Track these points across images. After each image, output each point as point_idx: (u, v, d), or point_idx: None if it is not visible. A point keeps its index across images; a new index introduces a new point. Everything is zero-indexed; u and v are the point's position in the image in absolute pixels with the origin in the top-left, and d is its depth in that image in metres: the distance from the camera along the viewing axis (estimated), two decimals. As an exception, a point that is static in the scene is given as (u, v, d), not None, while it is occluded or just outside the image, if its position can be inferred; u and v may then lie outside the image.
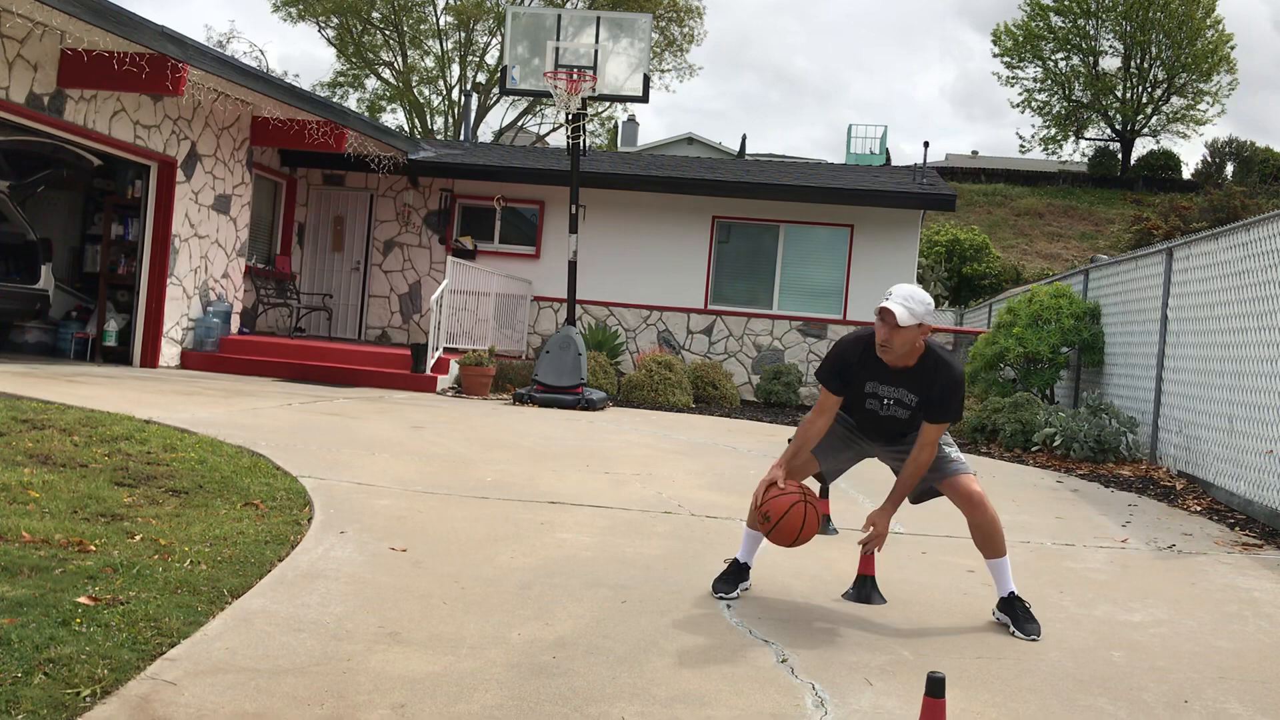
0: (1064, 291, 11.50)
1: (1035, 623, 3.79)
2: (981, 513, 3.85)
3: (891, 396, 3.83)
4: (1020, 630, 3.76)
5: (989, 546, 3.89)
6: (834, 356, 3.91)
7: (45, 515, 4.12)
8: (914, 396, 3.80)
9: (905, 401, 3.82)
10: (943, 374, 3.76)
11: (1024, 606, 3.84)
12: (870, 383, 3.84)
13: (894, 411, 3.85)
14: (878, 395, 3.85)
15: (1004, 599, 3.88)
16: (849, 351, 3.88)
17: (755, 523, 3.91)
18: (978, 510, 3.85)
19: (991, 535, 3.87)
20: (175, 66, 9.87)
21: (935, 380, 3.75)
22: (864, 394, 3.87)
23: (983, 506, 3.85)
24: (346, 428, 7.75)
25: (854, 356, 3.86)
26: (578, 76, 11.29)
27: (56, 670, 2.63)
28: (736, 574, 4.04)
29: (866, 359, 3.83)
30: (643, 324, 15.08)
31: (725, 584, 3.99)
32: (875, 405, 3.87)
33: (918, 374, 3.78)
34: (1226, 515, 6.87)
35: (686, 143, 37.28)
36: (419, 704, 2.71)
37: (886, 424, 3.92)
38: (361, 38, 35.86)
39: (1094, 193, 46.67)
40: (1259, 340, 7.08)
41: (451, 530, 4.74)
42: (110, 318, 11.90)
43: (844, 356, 3.88)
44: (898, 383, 3.80)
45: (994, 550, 3.89)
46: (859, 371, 3.85)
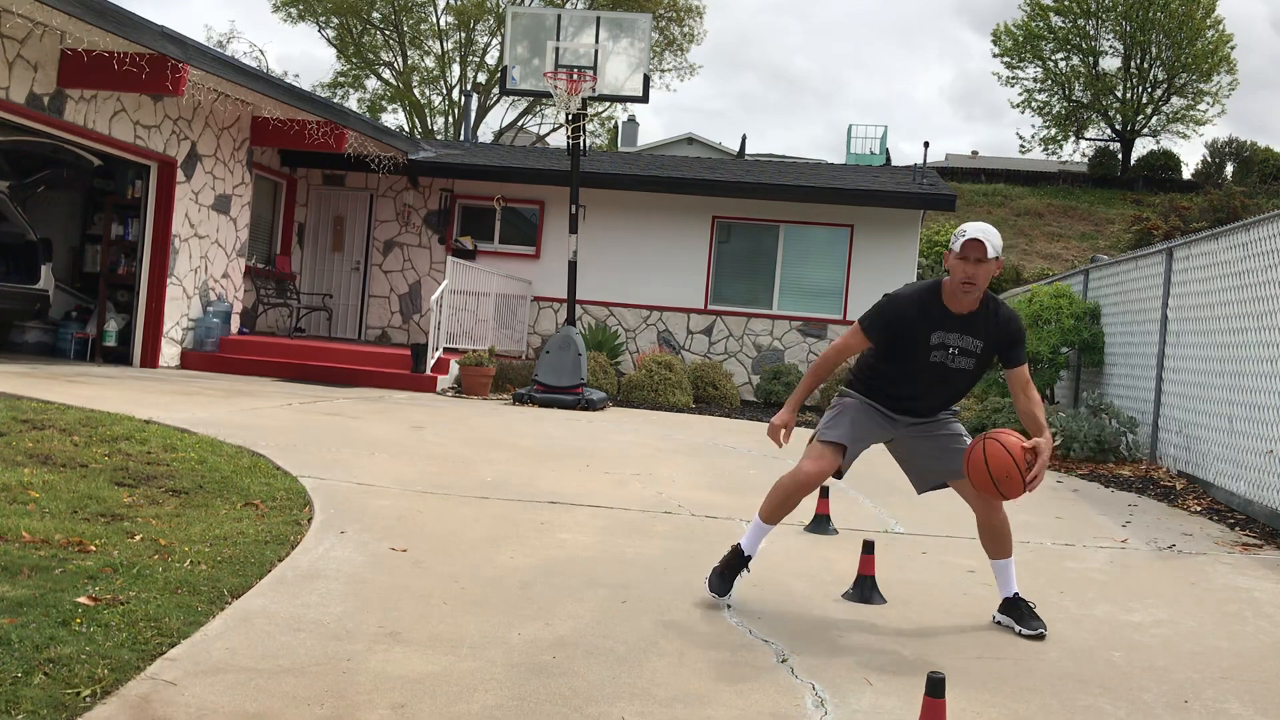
0: (1064, 292, 11.50)
1: (1039, 619, 3.78)
2: (996, 513, 3.82)
3: (958, 345, 3.72)
4: (1025, 627, 3.75)
5: (997, 547, 3.87)
6: (888, 309, 3.77)
7: (45, 515, 4.12)
8: (979, 342, 3.72)
9: (971, 349, 3.72)
10: (1004, 312, 3.74)
11: (1028, 606, 3.83)
12: (937, 333, 3.71)
13: (961, 363, 3.74)
14: (945, 345, 3.71)
15: (1008, 599, 3.87)
16: (906, 305, 3.75)
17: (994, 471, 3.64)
18: (994, 511, 3.82)
19: (1002, 536, 3.85)
20: (175, 66, 9.87)
21: (999, 321, 3.71)
22: (929, 346, 3.72)
23: (999, 507, 3.82)
24: (346, 428, 7.75)
25: (913, 309, 3.73)
26: (578, 77, 11.29)
27: (56, 670, 2.63)
28: (735, 564, 3.89)
29: (929, 310, 3.72)
30: (643, 324, 15.08)
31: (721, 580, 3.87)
32: (942, 357, 3.73)
33: (982, 318, 3.71)
34: (1226, 515, 6.87)
35: (686, 143, 37.28)
36: (419, 704, 2.71)
37: (953, 378, 3.78)
38: (361, 38, 35.87)
39: (1094, 193, 46.67)
40: (1259, 340, 7.08)
41: (451, 530, 4.74)
42: (110, 318, 11.90)
43: (900, 310, 3.74)
44: (964, 329, 3.71)
45: (1002, 551, 3.87)
46: (921, 324, 3.71)
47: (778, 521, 3.92)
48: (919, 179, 15.65)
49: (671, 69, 35.02)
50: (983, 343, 3.72)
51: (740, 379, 14.67)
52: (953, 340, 3.72)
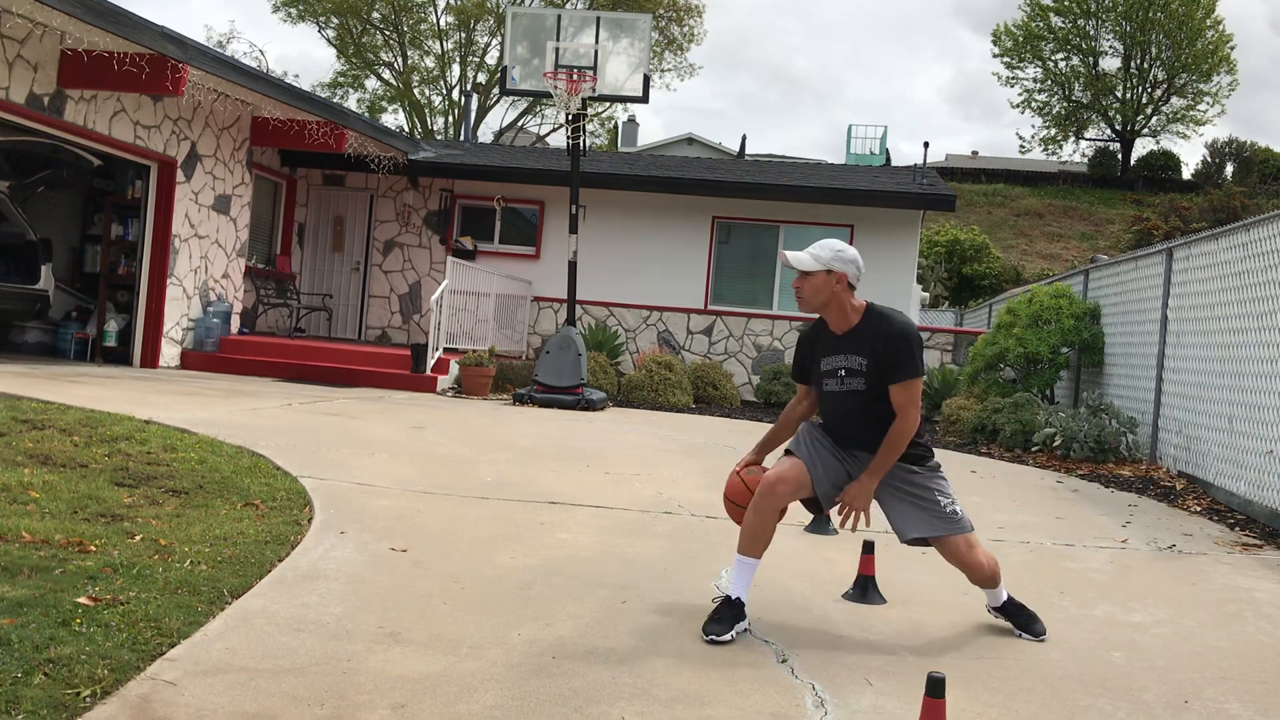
0: (1064, 292, 11.50)
1: (1039, 622, 3.79)
2: (976, 573, 3.71)
3: (842, 366, 3.63)
4: (1028, 632, 3.76)
5: (984, 587, 3.83)
6: (798, 343, 3.88)
7: (45, 515, 4.12)
8: (862, 359, 3.58)
9: (855, 368, 3.59)
10: (884, 326, 3.57)
11: (1021, 608, 3.82)
12: (825, 359, 3.69)
13: (850, 384, 3.61)
14: (833, 370, 3.66)
15: (999, 608, 3.86)
16: (804, 335, 3.85)
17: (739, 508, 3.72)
18: (972, 571, 3.71)
19: (989, 583, 3.77)
20: (175, 67, 9.87)
21: (879, 335, 3.56)
22: (822, 375, 3.71)
23: (978, 568, 3.69)
24: (346, 428, 7.75)
25: (807, 339, 3.81)
26: (578, 77, 11.29)
27: (56, 670, 2.63)
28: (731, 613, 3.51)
29: (817, 335, 3.76)
30: (643, 324, 15.08)
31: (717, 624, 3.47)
32: (833, 384, 3.66)
33: (861, 334, 3.60)
34: (1226, 515, 6.87)
35: (686, 143, 37.29)
36: (419, 704, 2.71)
37: (849, 406, 3.62)
38: (361, 38, 35.88)
39: (1094, 193, 46.67)
40: (1259, 340, 7.08)
41: (451, 530, 4.74)
42: (110, 318, 11.90)
43: (800, 344, 3.85)
44: (846, 349, 3.62)
45: (989, 587, 3.81)
46: (813, 351, 3.76)
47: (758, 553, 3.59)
48: (919, 179, 15.65)
49: (671, 69, 35.06)
50: (866, 360, 3.58)
51: (740, 379, 14.67)
52: (838, 362, 3.66)
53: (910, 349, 3.52)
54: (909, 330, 3.56)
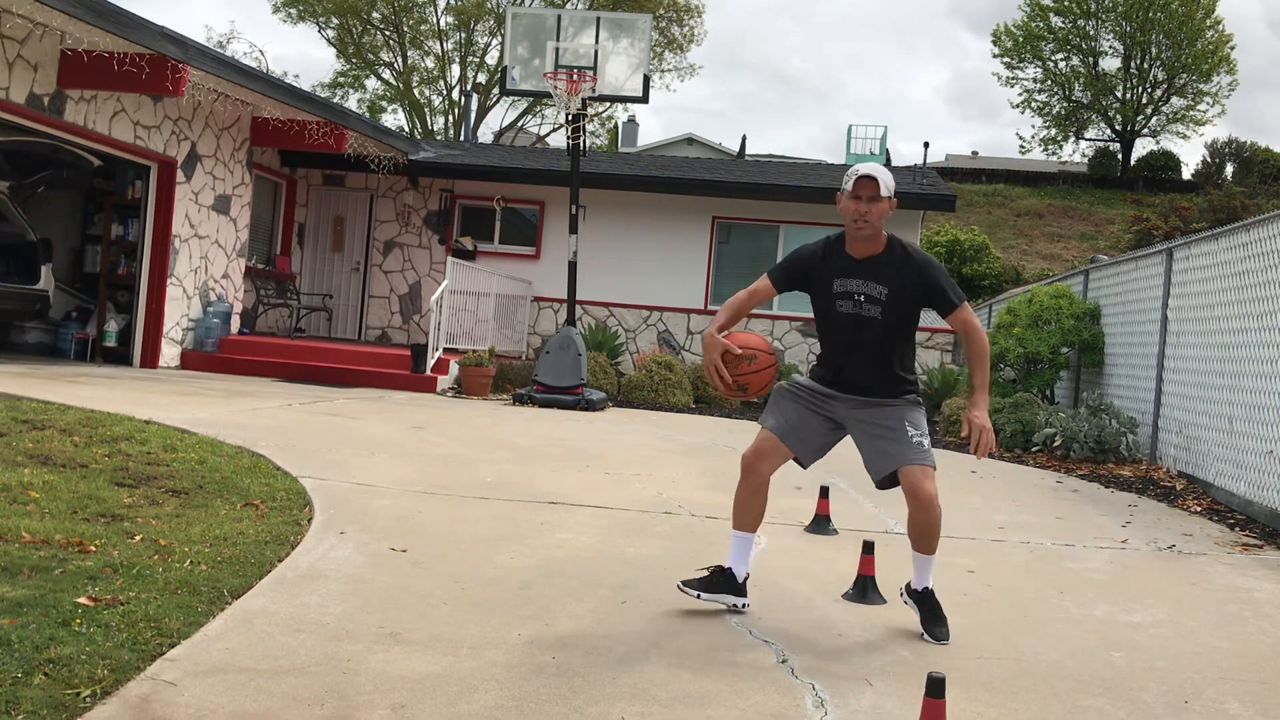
0: (1064, 292, 11.50)
1: (945, 626, 3.62)
2: (924, 512, 3.59)
3: (861, 291, 3.60)
4: (929, 633, 3.61)
5: (922, 543, 3.67)
6: (793, 255, 3.78)
7: (45, 515, 4.12)
8: (883, 288, 3.58)
9: (875, 295, 3.59)
10: (916, 255, 3.62)
11: (936, 605, 3.66)
12: (839, 280, 3.64)
13: (868, 310, 3.60)
14: (848, 292, 3.62)
15: (918, 592, 3.71)
16: (809, 250, 3.75)
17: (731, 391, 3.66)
18: (921, 509, 3.58)
19: (929, 535, 3.64)
20: (175, 67, 9.88)
21: (909, 263, 3.60)
22: (834, 295, 3.65)
23: (929, 506, 3.57)
24: (346, 428, 7.75)
25: (814, 255, 3.71)
26: (578, 77, 11.29)
27: (56, 670, 2.63)
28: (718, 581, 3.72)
29: (830, 255, 3.68)
30: (643, 324, 15.08)
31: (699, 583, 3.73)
32: (847, 306, 3.63)
33: (885, 261, 3.61)
34: (1226, 515, 6.87)
35: (686, 143, 37.29)
36: (419, 704, 2.71)
37: (863, 329, 3.62)
38: (361, 38, 35.89)
39: (1094, 193, 46.67)
40: (1259, 340, 7.08)
41: (451, 530, 4.74)
42: (110, 318, 11.90)
43: (803, 255, 3.75)
44: (866, 275, 3.60)
45: (926, 548, 3.68)
46: (822, 270, 3.67)
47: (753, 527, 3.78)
48: (919, 179, 15.65)
49: (671, 69, 35.09)
50: (888, 288, 3.58)
51: (740, 379, 14.66)
52: (855, 286, 3.62)
53: (943, 274, 3.65)
54: (932, 259, 3.68)
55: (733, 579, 3.74)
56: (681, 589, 3.74)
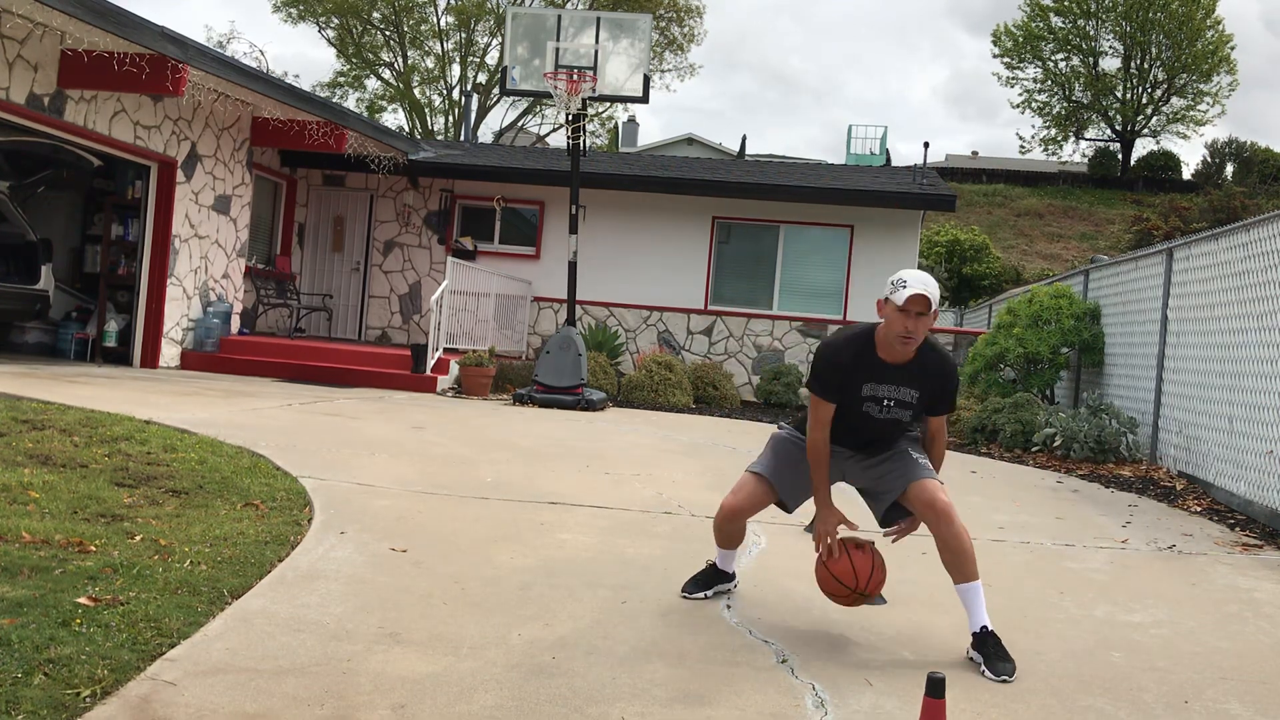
0: (1064, 292, 11.50)
1: (1010, 661, 3.33)
2: (948, 525, 3.42)
3: (892, 397, 3.51)
4: (991, 670, 3.30)
5: (958, 568, 3.45)
6: (826, 364, 3.55)
7: (45, 515, 4.12)
8: (914, 392, 3.51)
9: (906, 400, 3.51)
10: (945, 365, 3.56)
11: (997, 642, 3.39)
12: (868, 384, 3.51)
13: (894, 414, 3.54)
14: (877, 398, 3.52)
15: (977, 635, 3.41)
16: (841, 354, 3.53)
17: (823, 581, 3.61)
18: (943, 522, 3.42)
19: (961, 553, 3.42)
20: (175, 67, 9.88)
21: (939, 373, 3.52)
22: (861, 398, 3.53)
23: (949, 517, 3.42)
24: (346, 428, 7.75)
25: (847, 359, 3.52)
26: (578, 77, 11.29)
27: (56, 670, 2.63)
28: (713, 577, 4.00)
29: (861, 359, 3.51)
30: (643, 324, 15.08)
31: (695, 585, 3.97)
32: (874, 409, 3.54)
33: (918, 368, 3.49)
34: (1226, 515, 6.87)
35: (686, 143, 37.29)
36: (419, 704, 2.71)
37: (883, 428, 3.60)
38: (362, 38, 35.89)
39: (1094, 193, 46.67)
40: (1259, 340, 7.08)
41: (451, 530, 4.74)
42: (110, 318, 11.90)
43: (836, 362, 3.53)
44: (898, 380, 3.49)
45: (965, 573, 3.44)
46: (854, 374, 3.51)
47: (733, 546, 3.96)
48: (919, 179, 15.65)
49: (671, 69, 35.09)
50: (919, 392, 3.53)
51: (740, 379, 14.67)
52: (885, 392, 3.52)
53: (958, 385, 3.65)
54: (954, 366, 3.64)
55: (724, 573, 4.03)
56: (686, 596, 3.93)
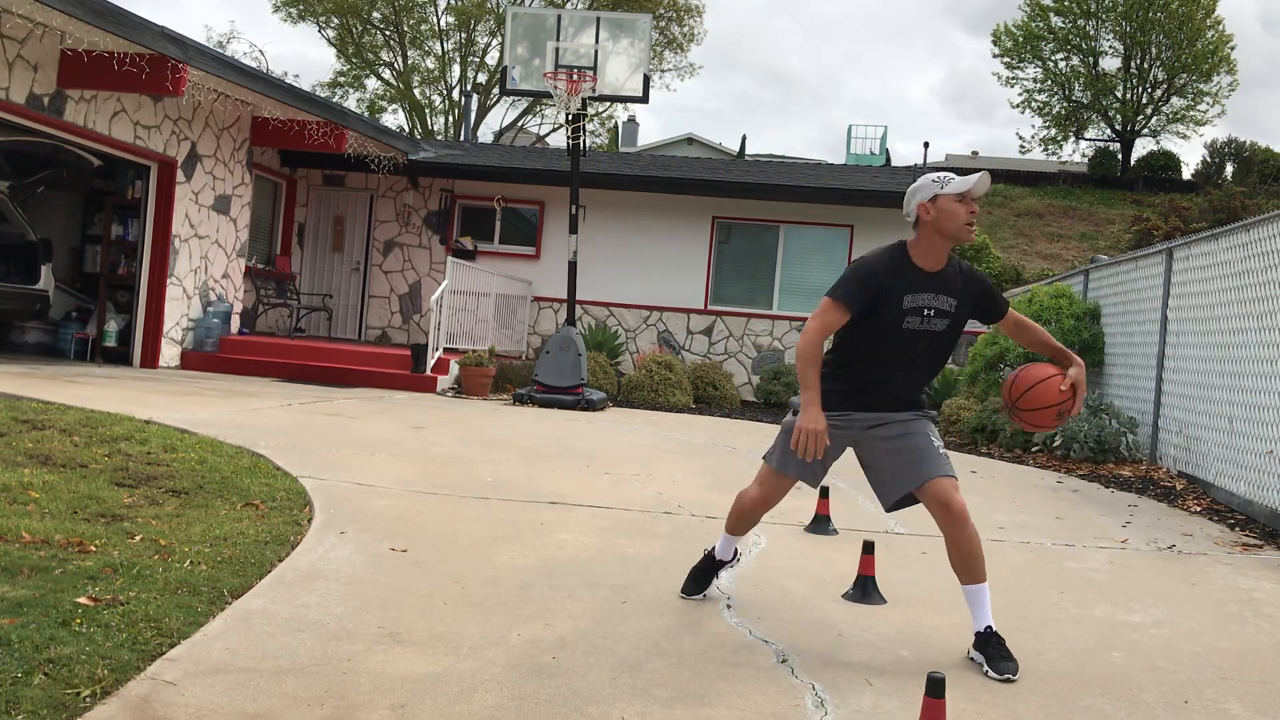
0: (1064, 292, 11.50)
1: (1012, 660, 3.31)
2: (962, 528, 3.35)
3: (932, 305, 3.45)
4: (994, 669, 3.28)
5: (968, 569, 3.39)
6: (863, 270, 3.45)
7: (45, 515, 4.12)
8: (953, 300, 3.48)
9: (945, 309, 3.47)
10: (969, 269, 3.60)
11: (1000, 642, 3.37)
12: (909, 295, 3.43)
13: (934, 325, 3.48)
14: (918, 308, 3.44)
15: (980, 635, 3.40)
16: (878, 263, 3.47)
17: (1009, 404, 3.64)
18: (958, 524, 3.36)
19: (972, 556, 3.38)
20: (175, 67, 9.88)
21: (965, 275, 3.54)
22: (903, 310, 3.43)
23: (964, 520, 3.36)
24: (346, 428, 7.75)
25: (884, 268, 3.45)
26: (578, 77, 11.29)
27: (56, 670, 2.63)
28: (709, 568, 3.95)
29: (901, 269, 3.45)
30: (643, 324, 15.08)
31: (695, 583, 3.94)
32: (915, 321, 3.45)
33: (951, 274, 3.51)
34: (1226, 515, 6.87)
35: (686, 143, 37.29)
36: (419, 704, 2.71)
37: (921, 344, 3.50)
38: (362, 38, 35.89)
39: (1094, 193, 46.67)
40: (1259, 340, 7.08)
41: (451, 530, 4.74)
42: (110, 318, 11.90)
43: (874, 268, 3.44)
44: (936, 288, 3.46)
45: (973, 575, 3.40)
46: (893, 284, 3.43)
47: (743, 534, 3.93)
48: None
49: (671, 69, 35.08)
50: (957, 300, 3.49)
51: (740, 379, 14.67)
52: (926, 300, 3.45)
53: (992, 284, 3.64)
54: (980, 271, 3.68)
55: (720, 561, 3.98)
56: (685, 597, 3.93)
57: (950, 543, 3.41)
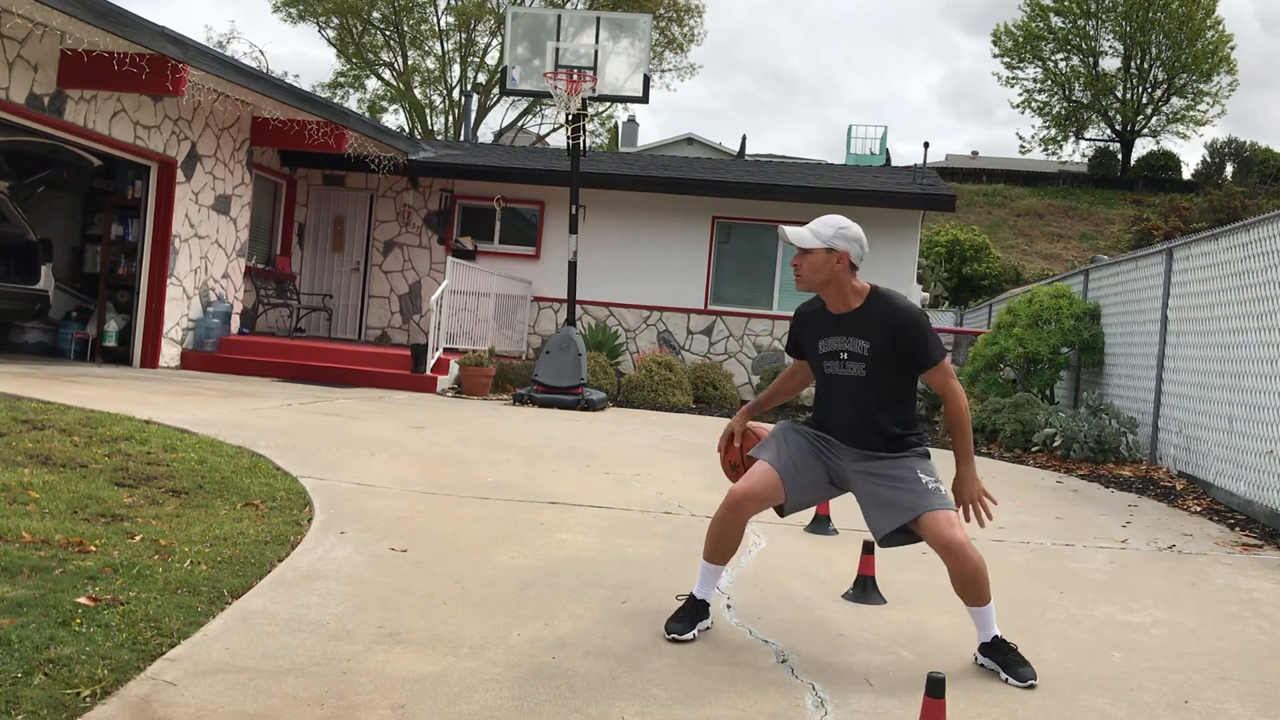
0: (1064, 292, 11.50)
1: (1029, 666, 3.30)
2: (962, 562, 3.29)
3: (844, 348, 3.45)
4: (1015, 677, 3.27)
5: (972, 595, 3.36)
6: (794, 318, 3.69)
7: (45, 515, 4.12)
8: (864, 343, 3.42)
9: (857, 351, 3.43)
10: (890, 311, 3.40)
11: (1013, 650, 3.37)
12: (823, 339, 3.52)
13: (851, 369, 3.44)
14: (832, 352, 3.50)
15: (988, 644, 3.40)
16: (801, 312, 3.66)
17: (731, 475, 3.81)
18: (956, 559, 3.30)
19: (975, 584, 3.33)
20: (175, 67, 9.87)
21: (886, 320, 3.39)
22: (820, 356, 3.54)
23: (962, 555, 3.28)
24: (346, 428, 7.75)
25: (804, 315, 3.63)
26: (578, 77, 11.29)
27: (56, 670, 2.63)
28: (694, 612, 3.52)
29: (814, 314, 3.58)
30: (643, 324, 15.07)
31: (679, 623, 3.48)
32: (834, 366, 3.49)
33: (863, 317, 3.43)
34: (1226, 515, 6.87)
35: (686, 143, 37.29)
36: (419, 704, 2.71)
37: (851, 387, 3.46)
38: (362, 38, 35.89)
39: (1094, 193, 46.66)
40: (1259, 340, 7.08)
41: (451, 530, 4.74)
42: (110, 318, 11.90)
43: (798, 318, 3.66)
44: (844, 330, 3.46)
45: (978, 599, 3.36)
46: (811, 330, 3.58)
47: (724, 560, 3.54)
48: (919, 179, 15.65)
49: (671, 69, 35.08)
50: (868, 343, 3.42)
51: (740, 379, 14.67)
52: (837, 344, 3.48)
53: (923, 331, 3.39)
54: (914, 312, 3.42)
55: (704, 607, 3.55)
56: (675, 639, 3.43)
57: (952, 575, 3.36)
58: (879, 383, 3.44)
